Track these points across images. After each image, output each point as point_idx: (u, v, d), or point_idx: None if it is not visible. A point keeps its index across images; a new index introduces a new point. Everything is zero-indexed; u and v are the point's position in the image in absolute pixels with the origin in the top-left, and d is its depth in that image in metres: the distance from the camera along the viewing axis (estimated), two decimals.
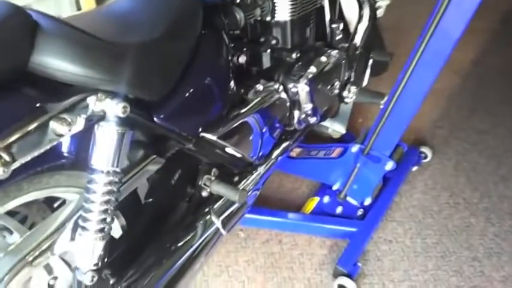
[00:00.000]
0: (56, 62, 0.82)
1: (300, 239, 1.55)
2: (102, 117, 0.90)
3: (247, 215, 1.54)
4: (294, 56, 1.43)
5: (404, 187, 1.74)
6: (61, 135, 0.85)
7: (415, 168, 1.80)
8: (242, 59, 1.30)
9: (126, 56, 0.89)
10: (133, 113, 0.93)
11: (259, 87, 1.32)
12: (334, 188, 1.62)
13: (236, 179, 1.35)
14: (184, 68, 1.05)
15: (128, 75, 0.89)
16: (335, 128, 1.89)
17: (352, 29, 1.69)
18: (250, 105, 1.27)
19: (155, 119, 0.99)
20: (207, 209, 1.19)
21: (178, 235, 1.14)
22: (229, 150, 1.22)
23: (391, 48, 2.03)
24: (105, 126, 0.89)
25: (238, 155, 1.26)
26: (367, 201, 1.56)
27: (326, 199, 1.60)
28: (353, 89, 1.59)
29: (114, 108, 0.88)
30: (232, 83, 1.21)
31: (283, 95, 1.39)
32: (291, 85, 1.41)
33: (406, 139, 1.94)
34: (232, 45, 1.32)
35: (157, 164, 1.11)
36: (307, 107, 1.45)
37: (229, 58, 1.21)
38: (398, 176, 1.70)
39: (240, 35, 1.43)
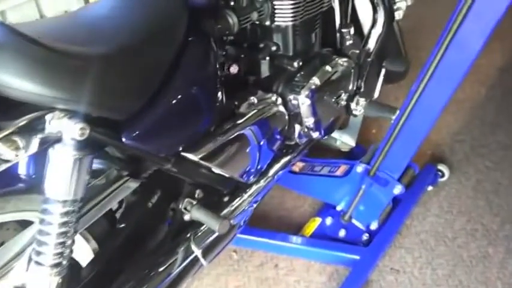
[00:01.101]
0: (3, 78, 0.72)
1: (297, 264, 1.43)
2: (57, 139, 0.79)
3: (241, 236, 1.43)
4: (295, 64, 1.29)
5: (417, 209, 1.58)
6: (8, 161, 0.75)
7: (430, 188, 1.64)
8: (236, 68, 1.16)
9: (87, 69, 0.78)
10: (97, 133, 0.82)
11: (254, 99, 1.19)
12: (338, 208, 1.48)
13: (226, 199, 1.23)
14: (162, 80, 0.93)
15: (88, 92, 0.78)
16: (344, 140, 1.75)
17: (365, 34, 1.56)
18: (242, 120, 1.14)
19: (124, 139, 0.87)
20: (188, 235, 1.08)
21: (155, 262, 1.03)
22: (216, 170, 1.10)
23: (412, 53, 1.88)
24: (60, 151, 0.78)
25: (227, 176, 1.14)
26: (373, 226, 1.42)
27: (329, 221, 1.47)
28: (362, 101, 1.44)
29: (71, 130, 0.77)
30: (221, 96, 1.08)
31: (281, 108, 1.26)
32: (290, 97, 1.28)
33: (422, 154, 1.79)
34: (225, 52, 1.21)
35: (132, 186, 1.01)
36: (309, 121, 1.31)
37: (218, 67, 1.08)
38: (411, 197, 1.55)
39: (237, 40, 1.31)
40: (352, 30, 1.50)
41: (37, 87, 0.73)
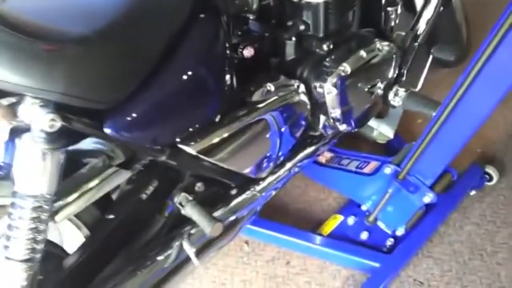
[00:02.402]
0: None
1: (311, 263, 1.32)
2: (27, 129, 0.72)
3: (254, 227, 1.35)
4: (325, 47, 1.15)
5: (454, 215, 1.41)
6: None
7: (473, 192, 1.46)
8: (250, 51, 1.03)
9: (60, 54, 0.69)
10: (76, 123, 0.75)
11: (270, 86, 1.06)
12: (363, 208, 1.34)
13: (234, 192, 1.14)
14: (155, 64, 0.83)
15: (62, 80, 0.69)
16: (382, 130, 1.57)
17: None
18: (253, 110, 1.03)
19: (106, 130, 0.79)
20: (182, 231, 1.00)
21: (144, 256, 0.97)
22: (219, 164, 1.00)
23: (476, 33, 1.65)
24: (27, 142, 0.72)
25: (232, 171, 1.04)
26: (400, 231, 1.28)
27: (351, 220, 1.34)
28: (401, 91, 1.27)
29: (40, 121, 0.70)
30: (229, 82, 0.96)
31: (303, 97, 1.12)
32: (315, 84, 1.14)
33: (470, 152, 1.59)
34: (242, 31, 1.08)
35: (125, 175, 0.93)
36: (335, 112, 1.17)
37: (229, 50, 0.96)
38: (449, 201, 1.38)
39: (263, 18, 1.17)
40: (399, 9, 1.32)
41: (3, 73, 0.66)
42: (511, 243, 1.35)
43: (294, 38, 1.14)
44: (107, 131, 0.79)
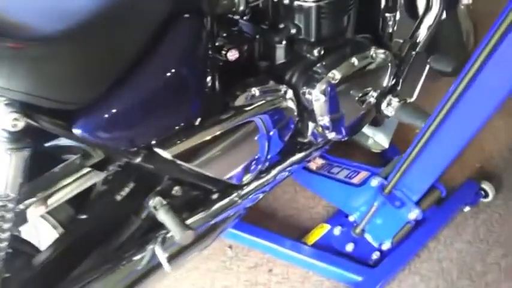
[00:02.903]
0: None
1: (293, 273, 1.29)
2: None
3: (238, 232, 1.33)
4: (315, 52, 1.11)
5: (446, 231, 1.37)
6: None
7: (467, 208, 1.41)
8: (235, 54, 1.00)
9: (25, 54, 0.67)
10: (43, 122, 0.73)
11: (255, 91, 1.03)
12: (351, 219, 1.31)
13: (215, 196, 1.12)
14: (129, 65, 0.80)
15: (26, 80, 0.68)
16: (377, 139, 1.54)
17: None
18: (236, 114, 1.00)
19: (75, 130, 0.77)
20: (157, 236, 0.98)
21: (114, 259, 0.95)
22: (196, 170, 0.98)
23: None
24: None
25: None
26: (386, 246, 1.24)
27: (337, 231, 1.31)
28: (395, 101, 1.23)
29: (2, 120, 0.69)
30: (210, 85, 0.94)
31: (290, 104, 1.09)
32: (303, 90, 1.11)
33: (468, 166, 1.54)
34: (231, 33, 1.05)
35: (97, 177, 0.92)
36: (323, 120, 1.14)
37: (211, 52, 0.93)
38: (441, 216, 1.34)
39: (256, 19, 1.15)
40: (397, 15, 1.28)
41: None
42: (502, 264, 1.30)
43: (284, 42, 1.11)
44: (76, 132, 0.77)
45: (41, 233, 1.02)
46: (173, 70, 0.86)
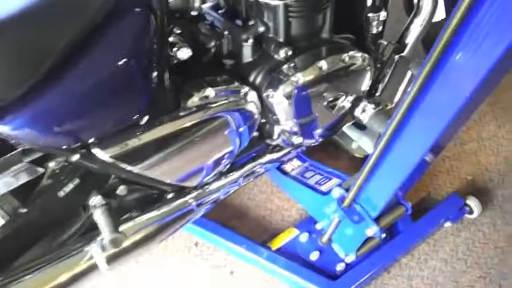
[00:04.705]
0: None
1: (256, 276, 1.25)
2: None
3: (205, 230, 1.30)
4: (282, 53, 1.05)
5: (422, 246, 1.30)
6: None
7: (448, 224, 1.33)
8: (186, 52, 0.95)
9: None
10: None
11: (210, 92, 0.99)
12: (318, 226, 1.26)
13: (169, 196, 1.09)
14: (62, 58, 0.77)
15: None
16: (362, 143, 1.46)
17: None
18: (185, 115, 0.96)
19: (0, 128, 0.76)
20: (97, 235, 0.97)
21: (49, 257, 0.95)
22: (139, 172, 0.95)
23: None
24: None
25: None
26: (349, 259, 1.19)
27: (304, 237, 1.26)
28: (370, 108, 1.16)
29: None
30: (160, 82, 0.90)
31: (251, 106, 1.04)
32: (267, 93, 1.05)
33: (458, 178, 1.45)
34: (190, 29, 1.01)
35: (33, 173, 0.90)
36: (288, 124, 1.09)
37: (160, 49, 0.89)
38: (416, 231, 1.27)
39: (227, 15, 1.10)
40: (382, 16, 1.19)
41: None
42: (477, 286, 1.22)
43: (251, 40, 1.06)
44: (2, 129, 0.76)
45: None
46: (110, 66, 0.82)
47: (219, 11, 1.13)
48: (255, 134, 1.19)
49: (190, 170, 1.02)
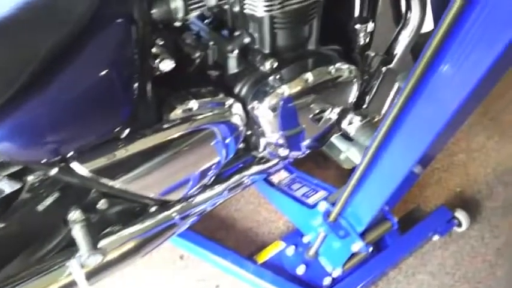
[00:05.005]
0: None
1: None
2: None
3: (190, 243, 1.28)
4: (267, 64, 1.03)
5: (410, 260, 1.28)
6: None
7: (436, 237, 1.32)
8: (168, 64, 0.93)
9: None
10: None
11: (193, 104, 0.97)
12: (305, 240, 1.24)
13: (152, 209, 1.07)
14: (39, 69, 0.75)
15: None
16: (350, 154, 1.45)
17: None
18: (167, 128, 0.94)
19: None
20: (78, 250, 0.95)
21: (28, 272, 0.92)
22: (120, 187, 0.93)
23: None
24: None
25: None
26: (336, 273, 1.17)
27: (290, 250, 1.24)
28: (356, 120, 1.15)
29: None
30: (143, 94, 0.88)
31: (236, 119, 1.02)
32: (252, 105, 1.04)
33: (447, 190, 1.44)
34: (165, 41, 0.98)
35: (8, 187, 0.88)
36: (273, 136, 1.07)
37: (140, 61, 0.87)
38: (404, 244, 1.26)
39: (214, 25, 1.08)
40: (369, 27, 1.18)
41: None
42: None
43: (236, 51, 1.04)
44: None
45: None
46: (90, 78, 0.80)
47: (206, 21, 1.12)
48: (241, 145, 1.19)
49: (173, 184, 1.00)
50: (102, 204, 0.97)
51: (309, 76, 1.04)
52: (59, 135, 0.81)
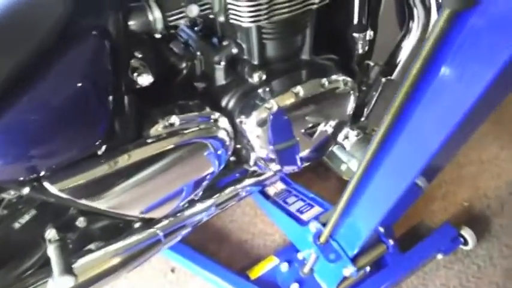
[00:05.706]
0: None
1: None
2: None
3: (181, 257, 1.25)
4: (256, 76, 0.98)
5: (411, 279, 1.22)
6: None
7: (440, 256, 1.24)
8: (147, 79, 0.88)
9: None
10: None
11: (174, 119, 0.92)
12: (300, 256, 1.19)
13: (137, 225, 1.04)
14: (8, 85, 0.71)
15: None
16: (352, 165, 1.38)
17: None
18: (148, 144, 0.90)
19: None
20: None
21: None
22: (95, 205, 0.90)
23: None
24: None
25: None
26: None
27: (284, 267, 1.19)
28: (353, 135, 1.09)
29: None
30: (115, 111, 0.84)
31: (222, 134, 0.97)
32: (239, 119, 0.99)
33: (453, 204, 1.37)
34: (143, 54, 0.94)
35: None
36: (263, 152, 1.02)
37: (117, 75, 0.83)
38: (406, 262, 1.19)
39: (202, 34, 1.03)
40: (368, 36, 1.11)
41: None
42: None
43: (223, 62, 0.99)
44: None
45: None
46: (63, 92, 0.76)
47: (195, 28, 1.07)
48: (233, 158, 1.14)
49: (155, 202, 0.96)
50: (80, 222, 0.94)
51: (300, 89, 0.99)
52: (30, 153, 0.77)
